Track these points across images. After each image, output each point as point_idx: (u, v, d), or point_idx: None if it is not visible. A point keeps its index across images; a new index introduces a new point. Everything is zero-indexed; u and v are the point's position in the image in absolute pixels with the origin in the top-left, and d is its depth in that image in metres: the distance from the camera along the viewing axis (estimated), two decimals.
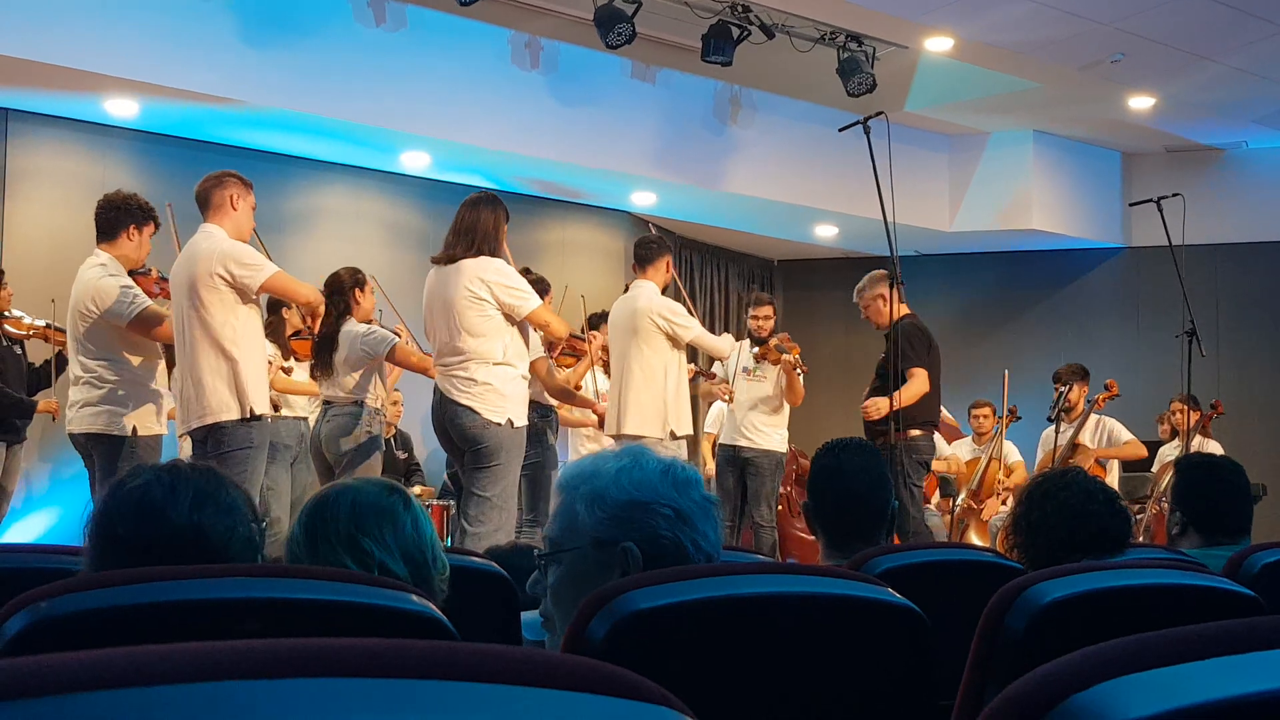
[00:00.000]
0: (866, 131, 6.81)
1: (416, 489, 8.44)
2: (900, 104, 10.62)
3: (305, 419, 7.33)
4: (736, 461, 8.05)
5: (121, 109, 8.87)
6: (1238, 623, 0.99)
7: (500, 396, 5.95)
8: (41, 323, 7.35)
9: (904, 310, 7.29)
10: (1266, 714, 0.90)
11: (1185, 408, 8.35)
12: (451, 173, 10.47)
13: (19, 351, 7.64)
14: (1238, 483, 3.83)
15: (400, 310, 7.64)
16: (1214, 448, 8.89)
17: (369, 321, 7.00)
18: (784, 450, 8.23)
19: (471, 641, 0.89)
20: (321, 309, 6.43)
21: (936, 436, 9.71)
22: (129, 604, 1.63)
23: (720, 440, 8.40)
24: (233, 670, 0.77)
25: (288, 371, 7.26)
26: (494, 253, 6.03)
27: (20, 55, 7.83)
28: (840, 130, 7.25)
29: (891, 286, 6.78)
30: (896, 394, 6.85)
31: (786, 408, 8.26)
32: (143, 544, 2.07)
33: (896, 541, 6.87)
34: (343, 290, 6.88)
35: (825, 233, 12.50)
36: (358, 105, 9.10)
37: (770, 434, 8.13)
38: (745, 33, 9.12)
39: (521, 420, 6.05)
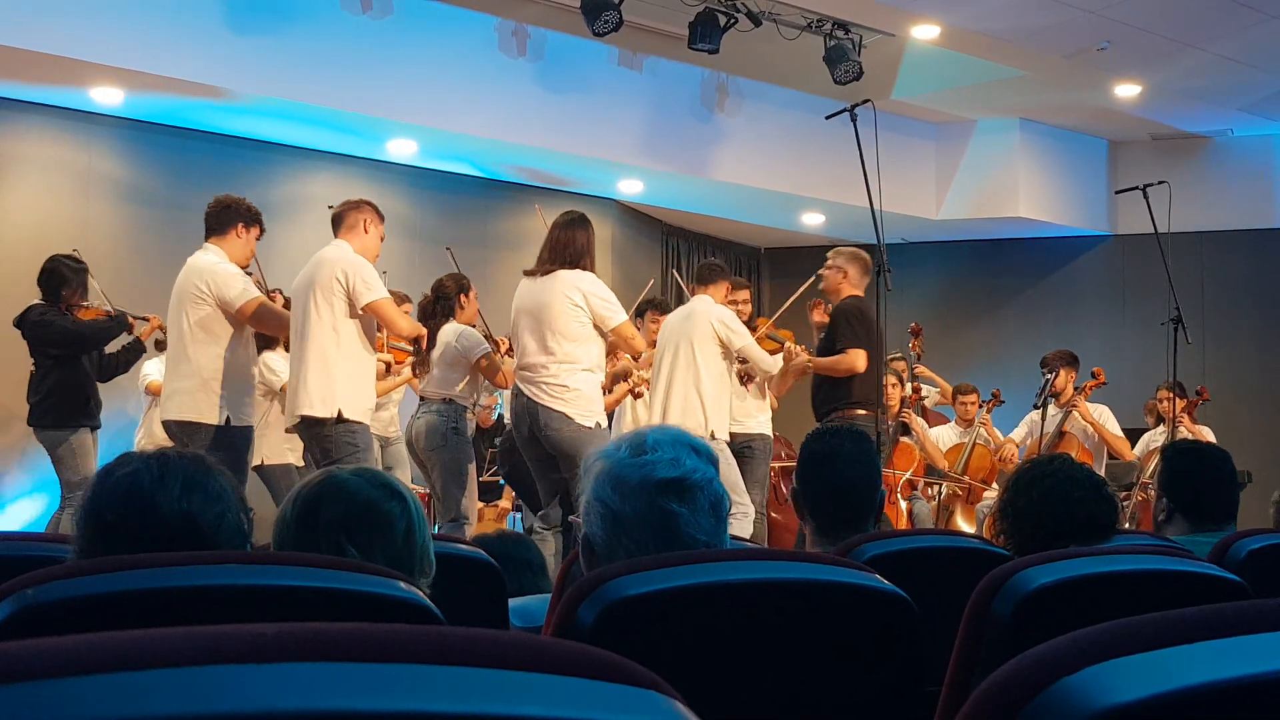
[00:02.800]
0: (853, 119, 6.82)
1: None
2: (887, 92, 10.62)
3: None
4: (731, 447, 8.05)
5: (106, 97, 8.83)
6: (1224, 607, 0.99)
7: (590, 400, 6.37)
8: (108, 307, 7.40)
9: (855, 292, 7.43)
10: (1253, 697, 0.90)
11: (1171, 395, 8.36)
12: (438, 160, 10.46)
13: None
14: (1224, 469, 3.84)
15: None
16: (1207, 434, 8.91)
17: (471, 326, 7.39)
18: (771, 434, 8.27)
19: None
20: (423, 342, 6.76)
21: (921, 422, 9.76)
22: (116, 591, 1.63)
23: None
24: (223, 655, 0.77)
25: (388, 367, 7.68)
26: (587, 267, 6.46)
27: (4, 43, 7.80)
28: (827, 118, 7.25)
29: (879, 274, 6.78)
30: (814, 360, 7.23)
31: (768, 392, 8.28)
32: (132, 531, 2.05)
33: None
34: (448, 296, 7.35)
35: (812, 220, 12.50)
36: (344, 93, 9.07)
37: (761, 418, 8.16)
38: (732, 20, 9.11)
39: (605, 422, 6.50)
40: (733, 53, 9.40)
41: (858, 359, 7.19)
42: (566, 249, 6.44)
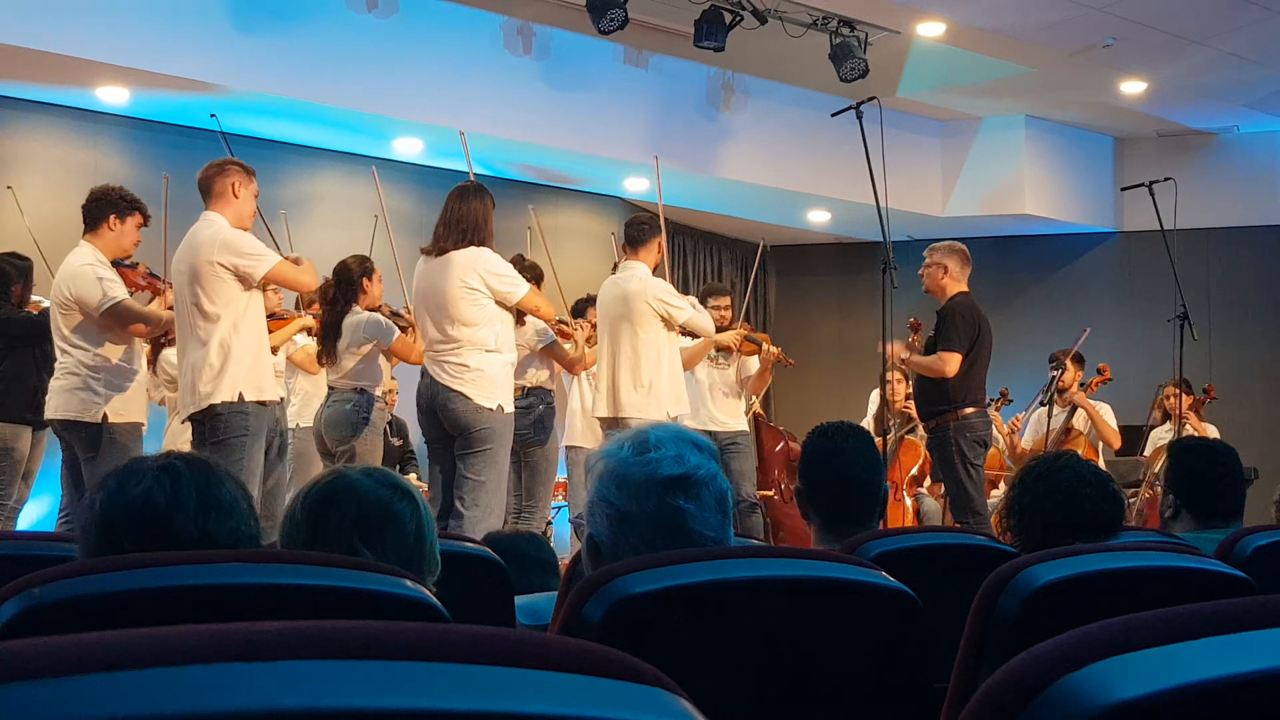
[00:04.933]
0: (859, 116, 6.82)
1: (411, 476, 8.48)
2: (893, 89, 10.61)
3: (280, 401, 7.32)
4: (719, 445, 8.09)
5: (112, 96, 8.84)
6: (1229, 603, 0.99)
7: (492, 381, 6.02)
8: (46, 302, 7.36)
9: (961, 288, 7.23)
10: (1258, 693, 0.90)
11: (1177, 391, 8.36)
12: (444, 158, 10.45)
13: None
14: (1230, 466, 3.83)
15: (394, 297, 7.66)
16: (1211, 432, 8.90)
17: (376, 309, 7.12)
18: (749, 429, 8.42)
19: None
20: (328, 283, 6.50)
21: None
22: (123, 589, 1.63)
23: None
24: (230, 653, 0.77)
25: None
26: (484, 243, 6.07)
27: (11, 43, 7.81)
28: (833, 115, 7.25)
29: (884, 273, 6.77)
30: (911, 355, 6.92)
31: (743, 393, 8.40)
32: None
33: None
34: (351, 279, 7.05)
35: (818, 218, 12.49)
36: (350, 91, 9.08)
37: (741, 417, 8.28)
38: (738, 18, 9.11)
39: (510, 405, 6.12)
40: (738, 50, 9.40)
41: (948, 364, 6.96)
42: (460, 224, 6.04)
